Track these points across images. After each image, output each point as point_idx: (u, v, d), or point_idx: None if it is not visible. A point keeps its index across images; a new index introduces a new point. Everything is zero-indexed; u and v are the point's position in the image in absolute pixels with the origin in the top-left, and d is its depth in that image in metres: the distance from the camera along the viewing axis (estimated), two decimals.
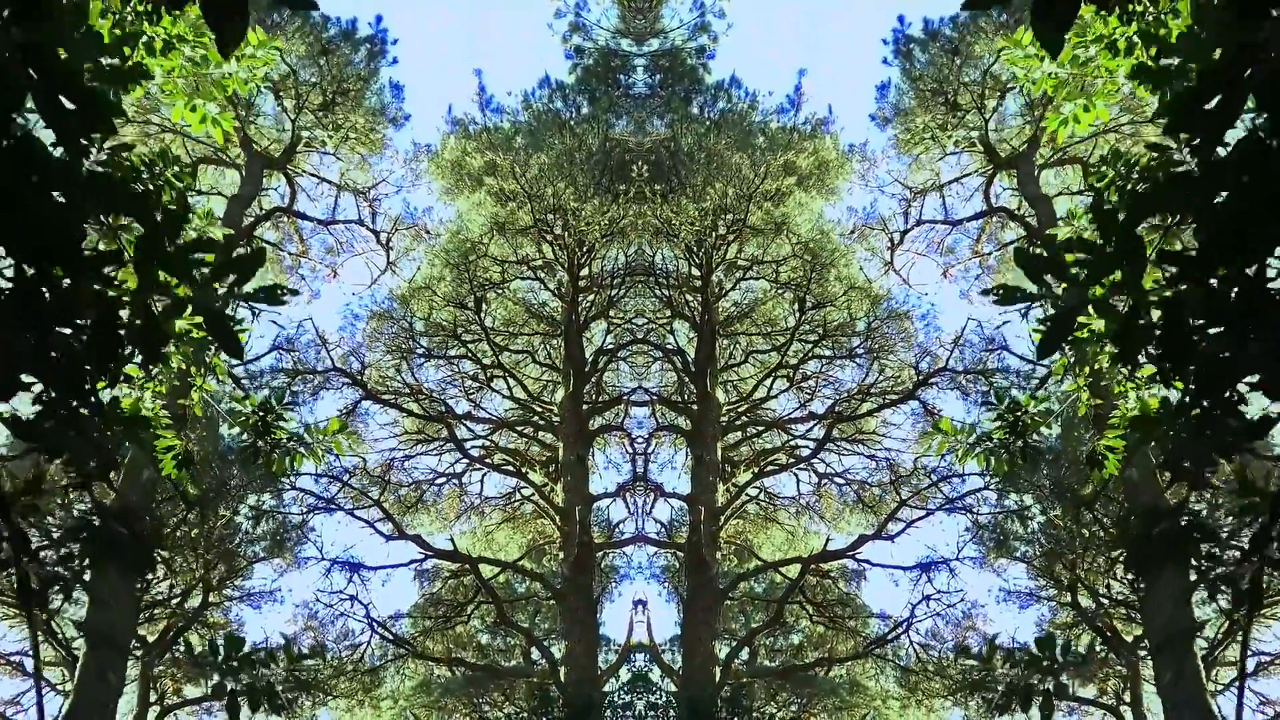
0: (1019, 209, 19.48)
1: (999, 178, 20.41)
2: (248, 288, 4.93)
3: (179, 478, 6.61)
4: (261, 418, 6.82)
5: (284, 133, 17.64)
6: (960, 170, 21.15)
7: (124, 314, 4.36)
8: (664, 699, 14.51)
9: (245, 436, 7.12)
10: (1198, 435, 5.60)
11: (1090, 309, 5.06)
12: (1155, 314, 4.77)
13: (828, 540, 18.49)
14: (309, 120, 17.75)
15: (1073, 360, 8.10)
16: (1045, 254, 5.05)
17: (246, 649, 10.65)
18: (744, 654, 18.30)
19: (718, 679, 16.07)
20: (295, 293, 5.16)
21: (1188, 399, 5.19)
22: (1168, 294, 4.61)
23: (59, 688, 15.38)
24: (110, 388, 5.06)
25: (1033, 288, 5.48)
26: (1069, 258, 4.94)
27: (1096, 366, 6.89)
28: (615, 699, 14.28)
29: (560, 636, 16.47)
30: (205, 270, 4.53)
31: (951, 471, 18.09)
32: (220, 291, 4.54)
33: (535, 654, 17.50)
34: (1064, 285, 5.04)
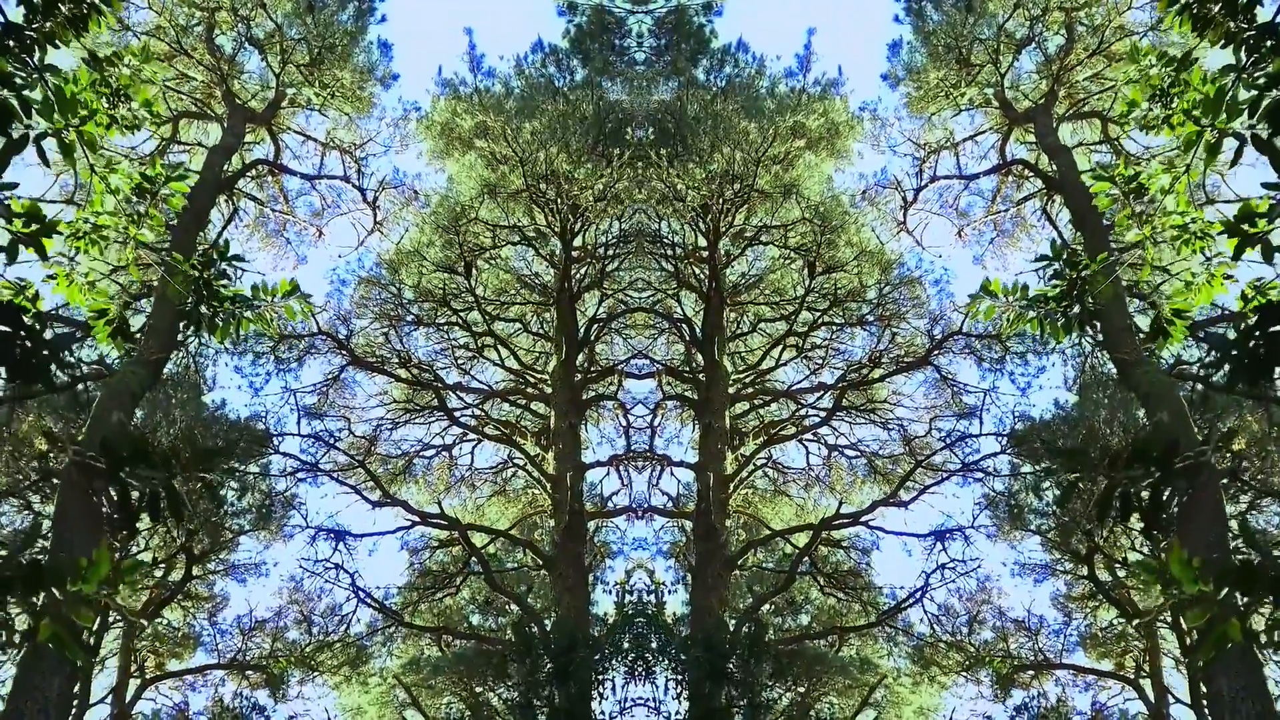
0: (1036, 162, 19.57)
1: (1014, 136, 20.51)
2: None
3: (115, 348, 6.72)
4: (202, 276, 6.72)
5: (269, 90, 17.96)
6: (974, 129, 21.25)
7: None
8: (670, 642, 14.53)
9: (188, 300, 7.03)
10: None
11: None
12: None
13: (840, 504, 18.64)
14: (294, 77, 18.06)
15: (1138, 209, 7.98)
16: None
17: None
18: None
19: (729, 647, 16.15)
20: None
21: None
22: None
23: None
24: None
25: None
26: None
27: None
28: (614, 642, 14.28)
29: (551, 606, 16.61)
30: None
31: (966, 432, 18.23)
32: None
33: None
34: None
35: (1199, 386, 15.73)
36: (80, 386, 14.41)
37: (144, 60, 6.52)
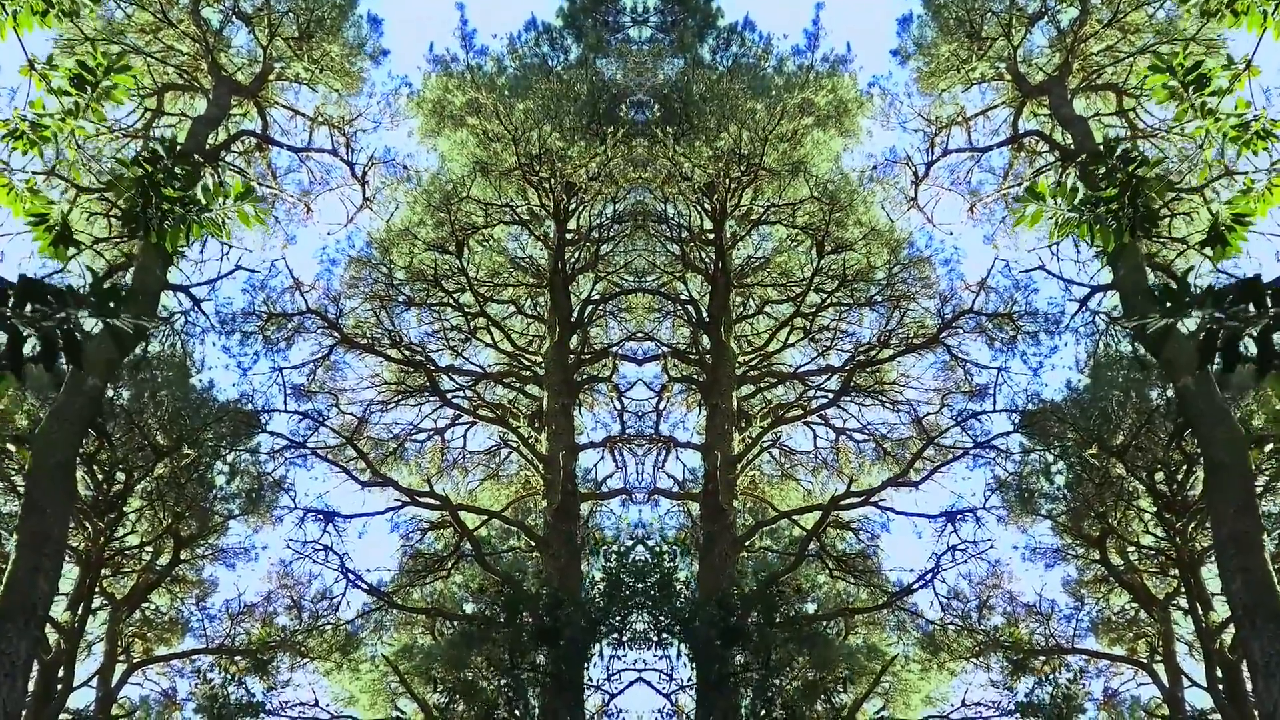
0: (1051, 133, 19.58)
1: (1027, 110, 20.51)
2: None
3: (57, 256, 6.70)
4: (148, 176, 6.53)
5: (256, 64, 18.19)
6: (986, 105, 21.27)
7: None
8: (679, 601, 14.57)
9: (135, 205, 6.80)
10: None
11: None
12: None
13: (850, 482, 18.71)
14: (283, 51, 18.28)
15: (1197, 104, 7.81)
16: None
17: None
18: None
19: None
20: None
21: None
22: None
23: None
24: None
25: None
26: None
27: None
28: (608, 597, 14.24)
29: (543, 587, 16.73)
30: None
31: (980, 410, 18.28)
32: None
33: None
34: None
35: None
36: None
37: None
